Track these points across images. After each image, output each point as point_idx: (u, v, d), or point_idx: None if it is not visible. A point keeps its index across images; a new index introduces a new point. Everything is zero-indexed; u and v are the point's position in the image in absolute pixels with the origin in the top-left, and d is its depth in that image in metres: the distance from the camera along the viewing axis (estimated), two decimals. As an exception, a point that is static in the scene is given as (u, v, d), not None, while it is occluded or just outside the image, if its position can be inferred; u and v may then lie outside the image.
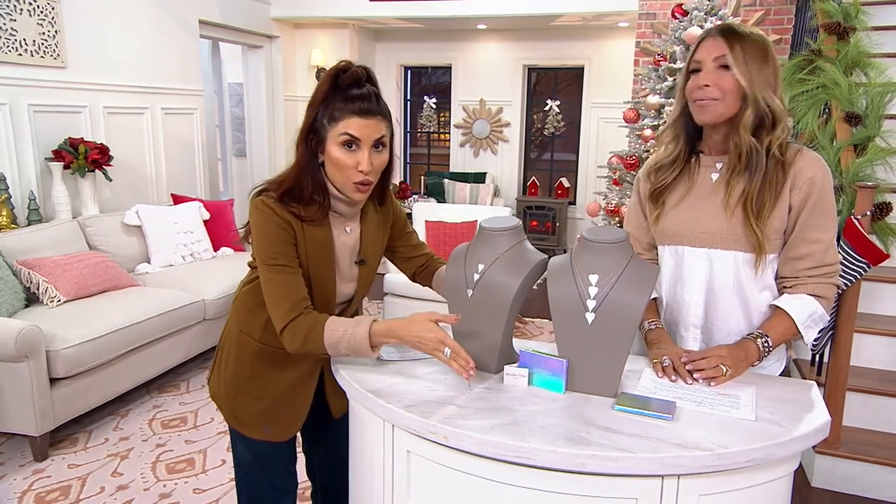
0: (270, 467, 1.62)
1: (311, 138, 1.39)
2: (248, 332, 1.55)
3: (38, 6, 3.79)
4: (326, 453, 1.77)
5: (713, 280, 1.50)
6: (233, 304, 1.62)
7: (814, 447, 2.67)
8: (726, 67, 1.39)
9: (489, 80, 7.31)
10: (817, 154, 1.46)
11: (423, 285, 1.75)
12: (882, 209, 2.60)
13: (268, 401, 1.55)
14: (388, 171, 1.50)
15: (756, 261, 1.44)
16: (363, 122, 1.35)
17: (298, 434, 1.65)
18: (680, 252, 1.53)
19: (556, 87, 7.50)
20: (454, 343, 1.33)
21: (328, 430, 1.72)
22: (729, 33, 1.40)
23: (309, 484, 1.86)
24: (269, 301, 1.41)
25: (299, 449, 1.73)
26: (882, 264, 2.58)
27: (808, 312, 1.43)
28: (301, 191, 1.40)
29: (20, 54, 3.70)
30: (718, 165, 1.50)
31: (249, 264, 1.56)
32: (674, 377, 1.36)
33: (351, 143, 1.36)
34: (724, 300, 1.50)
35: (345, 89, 1.36)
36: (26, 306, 3.21)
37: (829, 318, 1.49)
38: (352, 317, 1.61)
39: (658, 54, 4.19)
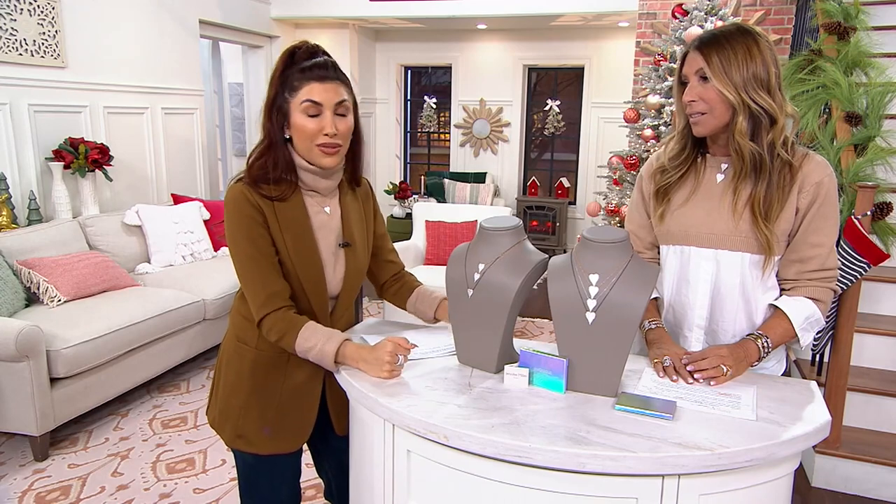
0: (276, 485, 1.60)
1: (275, 115, 1.43)
2: (244, 340, 1.54)
3: (38, 6, 3.79)
4: (338, 462, 1.72)
5: (720, 281, 1.50)
6: (229, 315, 1.61)
7: (814, 447, 2.67)
8: (707, 79, 1.40)
9: (489, 80, 7.30)
10: (824, 158, 1.46)
11: (392, 301, 1.74)
12: (882, 209, 2.60)
13: (273, 411, 1.53)
14: (357, 149, 1.53)
15: (764, 262, 1.45)
16: (323, 87, 1.39)
17: (304, 447, 1.62)
18: (686, 252, 1.53)
19: (556, 87, 7.50)
20: (399, 342, 1.38)
21: (338, 444, 1.67)
22: (705, 44, 1.40)
23: (309, 484, 1.85)
24: (245, 289, 1.46)
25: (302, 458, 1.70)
26: (882, 264, 2.59)
27: (805, 315, 1.44)
28: (273, 169, 1.44)
29: (20, 54, 3.70)
30: (723, 166, 1.50)
31: None
32: (674, 377, 1.37)
33: (313, 108, 1.39)
34: (729, 301, 1.50)
35: (301, 62, 1.41)
36: (26, 306, 3.21)
37: (824, 322, 1.50)
38: (347, 315, 1.60)
39: (658, 54, 4.19)
